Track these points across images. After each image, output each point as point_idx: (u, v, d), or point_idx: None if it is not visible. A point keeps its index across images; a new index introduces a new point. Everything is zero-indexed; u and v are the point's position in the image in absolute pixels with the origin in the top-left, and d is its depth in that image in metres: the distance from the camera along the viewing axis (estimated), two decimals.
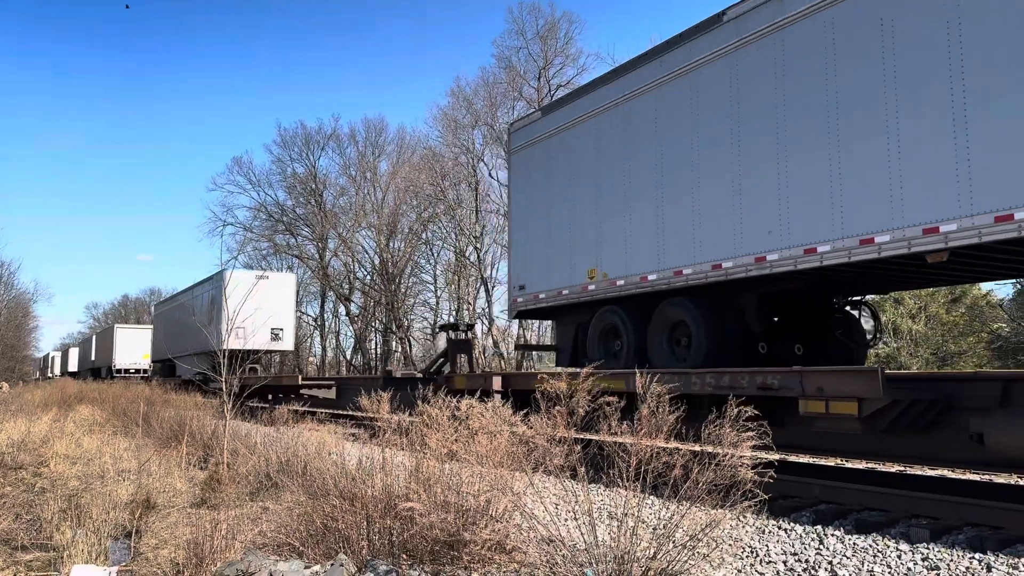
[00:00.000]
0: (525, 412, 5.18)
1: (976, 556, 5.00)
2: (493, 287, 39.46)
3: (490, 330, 36.74)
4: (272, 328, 24.99)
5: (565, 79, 36.30)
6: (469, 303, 39.89)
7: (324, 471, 5.85)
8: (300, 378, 21.52)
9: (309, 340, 51.36)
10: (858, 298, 10.10)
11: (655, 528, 4.34)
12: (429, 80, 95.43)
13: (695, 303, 9.10)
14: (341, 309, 49.30)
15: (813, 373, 6.68)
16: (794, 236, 7.73)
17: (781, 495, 6.72)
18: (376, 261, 45.16)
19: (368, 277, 46.88)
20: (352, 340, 48.80)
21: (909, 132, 6.81)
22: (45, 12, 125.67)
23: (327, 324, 51.50)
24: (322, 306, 50.70)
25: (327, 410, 19.29)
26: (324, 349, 51.55)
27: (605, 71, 11.02)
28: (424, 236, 43.93)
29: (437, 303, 45.20)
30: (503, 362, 33.90)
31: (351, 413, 17.50)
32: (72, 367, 64.05)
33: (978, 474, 7.84)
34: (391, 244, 44.30)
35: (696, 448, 4.22)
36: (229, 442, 8.87)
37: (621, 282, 9.95)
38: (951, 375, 7.84)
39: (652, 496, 5.68)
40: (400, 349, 43.96)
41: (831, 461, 9.08)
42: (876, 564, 4.99)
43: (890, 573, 4.84)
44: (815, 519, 6.18)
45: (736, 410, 4.12)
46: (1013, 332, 24.32)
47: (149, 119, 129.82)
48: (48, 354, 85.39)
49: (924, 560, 5.01)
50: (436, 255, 45.02)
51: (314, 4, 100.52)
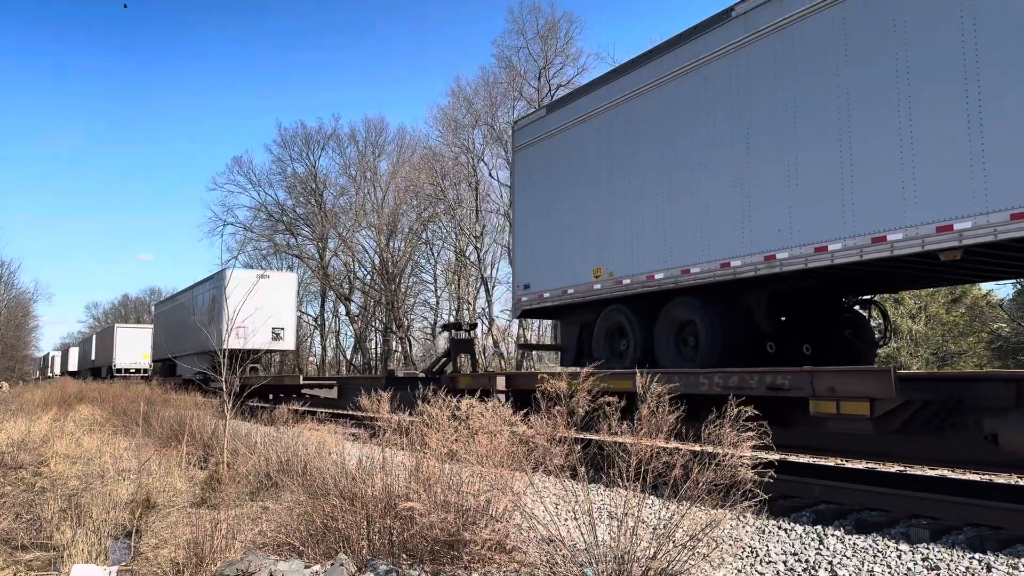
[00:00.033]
0: (525, 412, 5.18)
1: (976, 556, 5.00)
2: (493, 287, 39.52)
3: (490, 330, 36.75)
4: (273, 327, 24.94)
5: (565, 79, 36.38)
6: (469, 303, 39.90)
7: (324, 471, 5.85)
8: (301, 378, 21.40)
9: (309, 340, 51.40)
10: (868, 297, 9.96)
11: (655, 528, 4.34)
12: (429, 80, 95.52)
13: (703, 302, 9.00)
14: (341, 309, 49.38)
15: (824, 373, 6.60)
16: (804, 234, 7.63)
17: (781, 495, 6.71)
18: (376, 261, 45.20)
19: (368, 277, 46.93)
20: (352, 340, 48.90)
21: (922, 129, 6.72)
22: (45, 12, 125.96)
23: (327, 324, 51.59)
24: (322, 306, 50.78)
25: (327, 410, 19.27)
26: (324, 349, 51.65)
27: (609, 69, 10.89)
28: (424, 236, 44.02)
29: (437, 303, 45.24)
30: (503, 362, 33.89)
31: (351, 413, 17.50)
32: (72, 367, 64.07)
33: (978, 474, 7.84)
34: (391, 244, 44.34)
35: (696, 448, 4.22)
36: (229, 442, 8.87)
37: (627, 281, 9.84)
38: (965, 375, 7.74)
39: (652, 496, 5.68)
40: (400, 349, 43.97)
41: (831, 461, 9.08)
42: (876, 564, 4.99)
43: (890, 573, 4.84)
44: (815, 519, 6.18)
45: (736, 410, 4.12)
46: (1013, 332, 24.32)
47: (149, 119, 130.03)
48: (48, 354, 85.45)
49: (924, 560, 5.01)
50: (436, 255, 45.11)
51: (314, 4, 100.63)
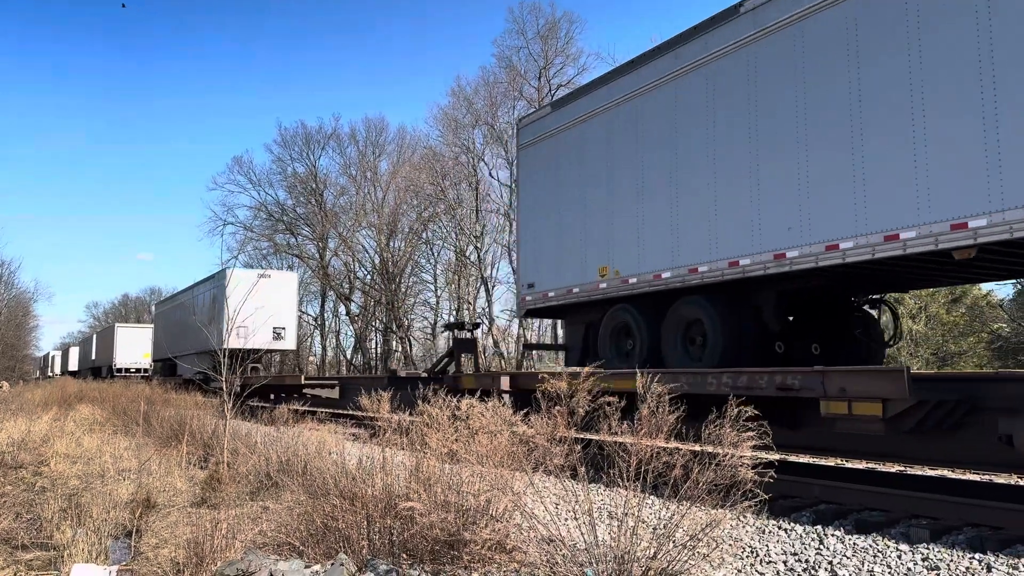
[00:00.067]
0: (526, 412, 5.17)
1: (976, 556, 5.00)
2: (493, 287, 39.54)
3: (490, 330, 36.75)
4: (274, 327, 24.88)
5: (566, 79, 36.42)
6: (469, 303, 39.90)
7: (324, 470, 5.85)
8: (303, 377, 21.37)
9: (309, 340, 51.41)
10: (877, 297, 9.85)
11: (655, 528, 4.34)
12: (429, 80, 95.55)
13: (711, 301, 8.90)
14: (341, 308, 49.40)
15: (835, 373, 6.51)
16: (815, 232, 7.54)
17: (781, 495, 6.71)
18: (376, 260, 45.21)
19: (368, 276, 46.94)
20: (352, 340, 48.91)
21: (935, 125, 6.63)
22: (45, 12, 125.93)
23: (327, 324, 51.60)
24: (322, 305, 50.80)
25: (327, 410, 19.25)
26: (324, 349, 51.67)
27: (612, 67, 10.76)
28: (424, 236, 44.03)
29: (437, 303, 45.26)
30: (503, 362, 33.89)
31: (351, 413, 17.49)
32: (72, 366, 64.10)
33: (978, 474, 7.84)
34: (391, 244, 44.36)
35: (697, 448, 4.22)
36: (229, 441, 8.86)
37: (634, 280, 9.73)
38: (979, 375, 7.62)
39: (652, 496, 5.68)
40: (400, 349, 43.99)
41: (831, 461, 9.08)
42: (876, 564, 4.99)
43: (890, 573, 4.84)
44: (815, 519, 6.18)
45: (737, 410, 4.12)
46: (1013, 332, 24.30)
47: (149, 118, 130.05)
48: (48, 353, 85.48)
49: (924, 560, 5.01)
50: (436, 255, 45.12)
51: (314, 4, 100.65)
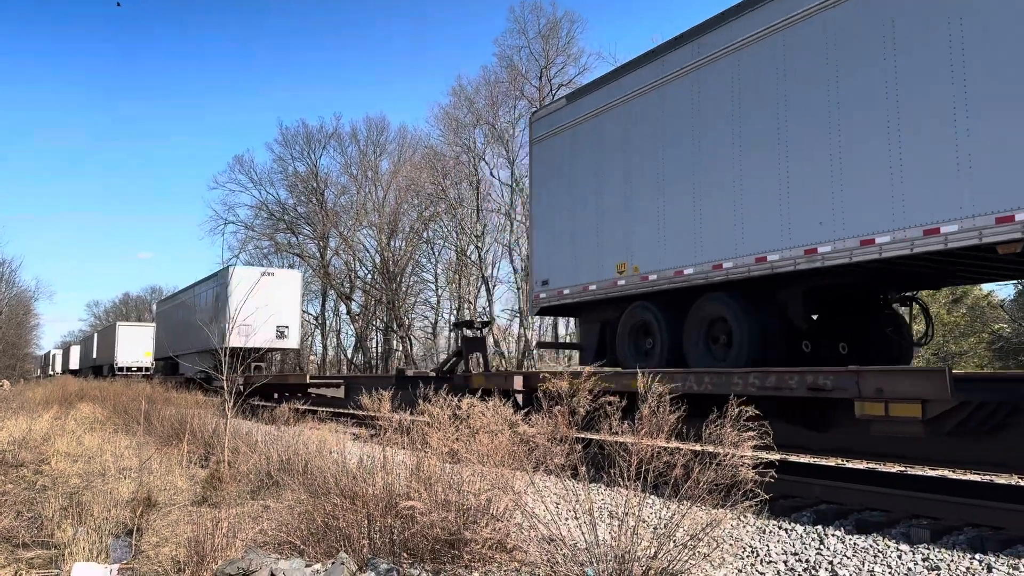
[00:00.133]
0: (527, 411, 5.18)
1: (977, 557, 5.00)
2: (494, 286, 39.56)
3: (491, 329, 36.77)
4: (277, 325, 24.75)
5: (567, 78, 36.39)
6: (470, 302, 39.93)
7: (325, 469, 5.85)
8: (308, 376, 21.23)
9: (310, 339, 51.45)
10: (909, 294, 9.57)
11: (656, 527, 4.35)
12: (430, 79, 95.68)
13: (736, 298, 8.59)
14: (342, 308, 49.43)
15: (872, 373, 6.25)
16: (849, 226, 7.21)
17: (782, 495, 6.70)
18: (377, 260, 45.22)
19: (369, 276, 46.97)
20: (353, 339, 48.95)
21: (980, 111, 6.32)
22: (45, 11, 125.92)
23: (328, 323, 51.64)
24: (323, 305, 50.83)
25: (328, 409, 19.24)
26: (325, 348, 51.71)
27: (628, 60, 10.33)
28: (425, 235, 44.05)
29: (438, 302, 45.30)
30: (504, 361, 33.92)
31: (352, 412, 17.49)
32: (74, 365, 64.15)
33: (979, 474, 7.84)
34: (392, 243, 44.38)
35: (697, 448, 4.22)
36: (230, 440, 8.87)
37: (654, 276, 9.40)
38: (1022, 375, 7.44)
39: (653, 495, 5.68)
40: (401, 348, 44.01)
41: (832, 461, 9.08)
42: (876, 564, 4.99)
43: (891, 573, 4.84)
44: (816, 519, 6.18)
45: (738, 410, 4.12)
46: (1014, 333, 24.28)
47: (150, 117, 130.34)
48: (49, 352, 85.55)
49: (925, 560, 5.01)
50: (437, 254, 45.15)
51: (314, 4, 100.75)
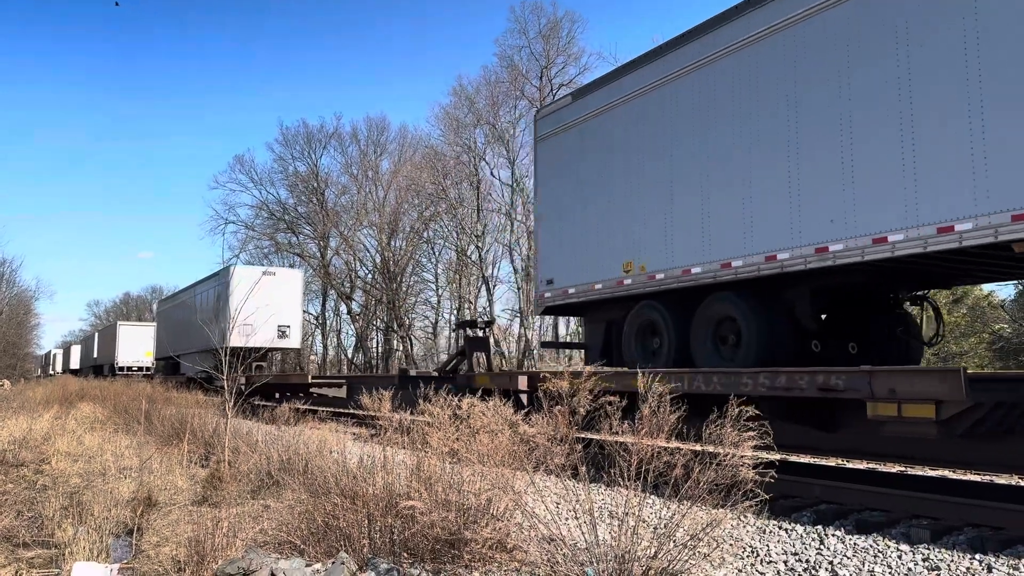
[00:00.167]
0: (527, 411, 5.18)
1: (977, 557, 5.00)
2: (494, 286, 39.58)
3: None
4: (279, 325, 24.66)
5: (567, 78, 36.41)
6: (470, 302, 39.94)
7: (325, 469, 5.85)
8: (310, 376, 21.16)
9: (310, 339, 51.48)
10: (919, 293, 9.48)
11: (656, 527, 4.35)
12: (430, 79, 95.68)
13: (744, 298, 8.51)
14: (342, 307, 49.44)
15: (884, 373, 6.18)
16: (861, 224, 7.12)
17: (782, 495, 6.70)
18: (377, 260, 45.25)
19: (369, 276, 46.99)
20: (353, 338, 48.97)
21: (996, 108, 6.18)
22: (45, 10, 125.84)
23: (328, 322, 51.66)
24: (323, 304, 50.85)
25: (328, 408, 19.23)
26: (325, 348, 51.73)
27: (638, 54, 10.17)
28: (425, 235, 44.08)
29: (438, 302, 45.34)
30: (504, 361, 33.93)
31: (353, 412, 17.49)
32: (74, 364, 64.16)
33: (979, 474, 7.84)
34: (392, 243, 44.41)
35: (697, 448, 4.22)
36: (230, 440, 8.87)
37: (661, 276, 9.30)
38: None
39: (653, 495, 5.68)
40: (401, 348, 44.03)
41: (832, 461, 9.08)
42: (877, 564, 4.99)
43: (891, 573, 4.84)
44: (816, 519, 6.18)
45: (738, 410, 4.12)
46: (1015, 333, 24.27)
47: (150, 117, 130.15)
48: (50, 351, 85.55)
49: (925, 560, 5.01)
50: (437, 254, 45.18)
51: (314, 4, 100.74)
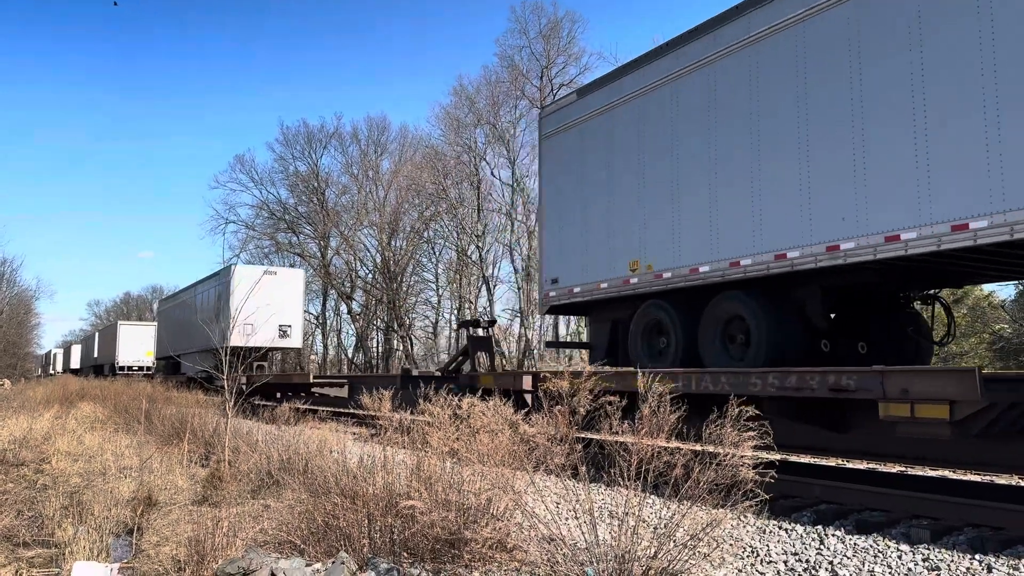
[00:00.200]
0: (527, 411, 5.18)
1: (977, 557, 5.00)
2: (495, 286, 39.57)
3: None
4: (280, 324, 24.57)
5: (568, 78, 36.40)
6: (471, 302, 39.95)
7: (326, 469, 5.86)
8: (311, 376, 21.10)
9: (311, 338, 51.48)
10: (930, 292, 9.42)
11: (656, 527, 4.35)
12: (431, 79, 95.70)
13: (753, 297, 8.44)
14: (343, 307, 49.45)
15: (897, 373, 6.11)
16: (873, 222, 7.05)
17: (782, 495, 6.71)
18: (378, 259, 45.26)
19: (370, 275, 46.99)
20: (353, 338, 48.98)
21: (1012, 104, 6.10)
22: (45, 10, 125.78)
23: (328, 322, 51.67)
24: (324, 304, 50.84)
25: (329, 408, 19.22)
26: (326, 347, 51.73)
27: (643, 52, 10.08)
28: (426, 235, 44.08)
29: (439, 302, 45.35)
30: (505, 361, 33.90)
31: (353, 411, 17.49)
32: (75, 364, 64.17)
33: (979, 474, 7.84)
34: (393, 243, 44.40)
35: (697, 448, 4.22)
36: (231, 440, 8.87)
37: (668, 275, 9.24)
38: None
39: (653, 495, 5.68)
40: (402, 347, 44.03)
41: (832, 461, 9.08)
42: (877, 564, 4.99)
43: (891, 573, 4.84)
44: (816, 519, 6.18)
45: (738, 410, 4.12)
46: (1015, 333, 24.27)
47: (150, 117, 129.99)
48: (50, 351, 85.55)
49: (925, 560, 5.01)
50: (438, 254, 45.19)
51: (314, 4, 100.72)
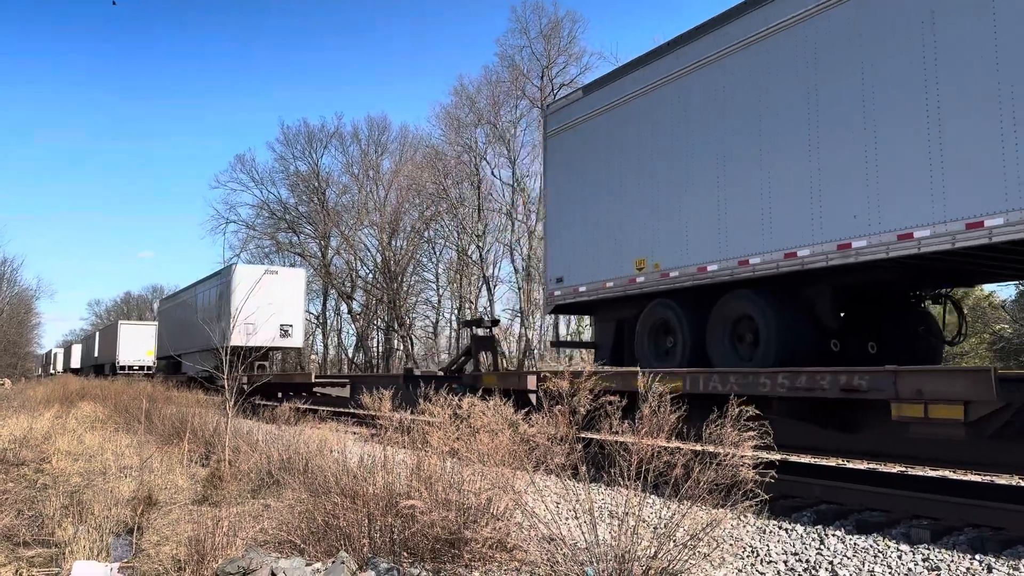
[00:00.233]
0: (527, 411, 5.18)
1: (977, 557, 5.00)
2: (495, 286, 39.57)
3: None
4: (281, 324, 24.52)
5: (568, 78, 36.37)
6: (471, 302, 39.95)
7: (326, 468, 5.86)
8: (313, 376, 21.08)
9: (311, 338, 51.49)
10: (942, 291, 9.25)
11: (656, 527, 4.35)
12: (431, 79, 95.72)
13: (763, 296, 8.34)
14: (343, 307, 49.45)
15: (910, 373, 6.03)
16: (886, 220, 6.96)
17: (782, 495, 6.71)
18: (378, 259, 45.25)
19: (370, 275, 46.98)
20: (354, 338, 48.98)
21: (1023, 102, 6.05)
22: (45, 10, 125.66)
23: (329, 322, 51.68)
24: (324, 304, 50.86)
25: (329, 408, 19.21)
26: (326, 347, 51.75)
27: (648, 50, 10.01)
28: (426, 234, 44.09)
29: (439, 301, 45.36)
30: (505, 361, 33.92)
31: (353, 411, 17.49)
32: (75, 363, 64.17)
33: (979, 474, 7.84)
34: (393, 242, 44.40)
35: (698, 448, 4.22)
36: (231, 439, 8.87)
37: (675, 273, 9.16)
38: None
39: (653, 495, 5.68)
40: (402, 347, 44.04)
41: (832, 461, 9.08)
42: (877, 564, 4.99)
43: (891, 573, 4.84)
44: (816, 519, 6.18)
45: (738, 410, 4.12)
46: (1015, 333, 24.26)
47: (150, 117, 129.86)
48: (51, 350, 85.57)
49: (925, 561, 5.01)
50: (438, 253, 45.19)
51: (314, 4, 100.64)
